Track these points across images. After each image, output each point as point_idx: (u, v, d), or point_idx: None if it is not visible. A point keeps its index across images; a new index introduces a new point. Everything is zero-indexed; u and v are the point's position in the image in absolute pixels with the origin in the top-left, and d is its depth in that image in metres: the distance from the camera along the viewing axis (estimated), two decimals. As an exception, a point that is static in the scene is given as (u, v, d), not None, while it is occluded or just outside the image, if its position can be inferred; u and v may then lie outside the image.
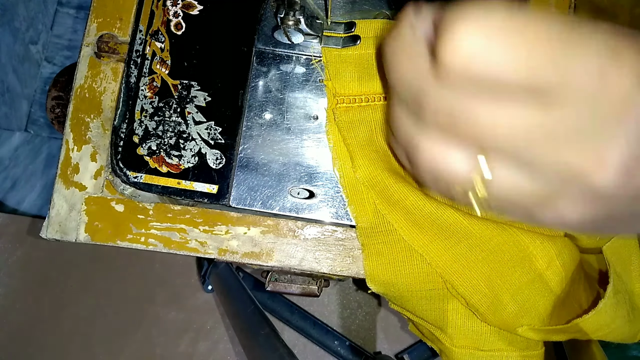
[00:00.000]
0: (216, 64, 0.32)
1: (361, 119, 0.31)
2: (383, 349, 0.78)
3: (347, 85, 0.31)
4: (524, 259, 0.28)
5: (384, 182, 0.29)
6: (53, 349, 0.77)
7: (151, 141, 0.31)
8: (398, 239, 0.30)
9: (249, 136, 0.31)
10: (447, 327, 0.31)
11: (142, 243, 0.31)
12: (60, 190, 0.32)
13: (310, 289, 0.34)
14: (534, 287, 0.28)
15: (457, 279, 0.29)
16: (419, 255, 0.29)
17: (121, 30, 0.33)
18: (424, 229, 0.29)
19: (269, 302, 0.75)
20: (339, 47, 0.31)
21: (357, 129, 0.30)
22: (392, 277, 0.30)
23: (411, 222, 0.29)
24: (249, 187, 0.31)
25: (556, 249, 0.28)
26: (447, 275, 0.29)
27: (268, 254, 0.31)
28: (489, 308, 0.29)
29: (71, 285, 0.79)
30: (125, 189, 0.32)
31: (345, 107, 0.31)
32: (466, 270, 0.29)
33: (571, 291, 0.30)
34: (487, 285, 0.29)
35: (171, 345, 0.78)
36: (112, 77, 0.33)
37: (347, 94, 0.31)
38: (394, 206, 0.29)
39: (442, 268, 0.29)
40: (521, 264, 0.28)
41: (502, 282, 0.29)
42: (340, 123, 0.31)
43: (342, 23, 0.32)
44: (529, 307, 0.29)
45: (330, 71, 0.31)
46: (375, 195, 0.30)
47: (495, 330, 0.30)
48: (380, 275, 0.30)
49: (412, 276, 0.29)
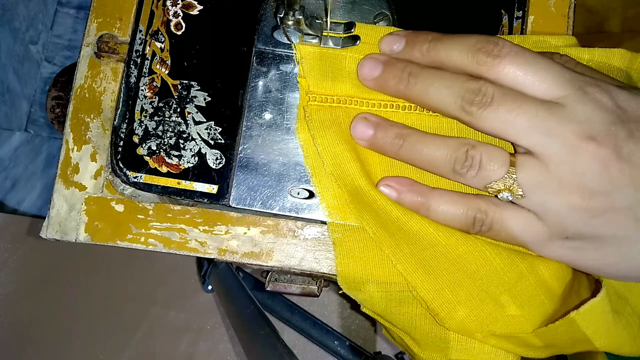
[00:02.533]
0: (216, 64, 0.32)
1: (332, 119, 0.30)
2: (383, 349, 0.78)
3: (320, 84, 0.31)
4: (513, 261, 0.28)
5: (353, 184, 0.29)
6: (53, 349, 0.77)
7: (151, 141, 0.31)
8: (368, 238, 0.29)
9: (249, 136, 0.31)
10: (415, 332, 0.30)
11: (142, 243, 0.31)
12: (60, 190, 0.32)
13: (310, 289, 0.34)
14: (528, 287, 0.28)
15: (421, 283, 0.28)
16: (388, 256, 0.29)
17: (121, 30, 0.33)
18: (390, 232, 0.29)
19: (269, 302, 0.75)
20: (338, 47, 0.31)
21: (328, 128, 0.30)
22: (363, 276, 0.29)
23: (379, 225, 0.29)
24: (249, 187, 0.31)
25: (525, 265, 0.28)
26: (411, 278, 0.29)
27: (268, 254, 0.31)
28: (450, 313, 0.28)
29: (71, 285, 0.79)
30: (125, 189, 0.32)
31: (317, 105, 0.31)
32: (431, 277, 0.28)
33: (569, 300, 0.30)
34: (451, 292, 0.28)
35: (171, 345, 0.78)
36: (112, 77, 0.33)
37: (320, 93, 0.31)
38: (364, 206, 0.29)
39: (407, 271, 0.29)
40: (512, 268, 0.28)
41: (472, 288, 0.28)
42: (310, 122, 0.30)
43: (342, 23, 0.32)
44: (528, 307, 0.28)
45: (305, 68, 0.31)
46: (347, 195, 0.30)
47: (463, 339, 0.29)
48: (351, 273, 0.30)
49: (381, 276, 0.29)
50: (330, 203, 0.30)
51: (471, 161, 0.27)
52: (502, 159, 0.27)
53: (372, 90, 0.31)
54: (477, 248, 0.28)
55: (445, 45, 0.28)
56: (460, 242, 0.28)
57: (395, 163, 0.30)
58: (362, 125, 0.30)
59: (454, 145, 0.28)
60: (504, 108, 0.26)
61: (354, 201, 0.30)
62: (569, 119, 0.25)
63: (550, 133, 0.25)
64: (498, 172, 0.26)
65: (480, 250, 0.28)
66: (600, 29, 0.52)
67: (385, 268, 0.29)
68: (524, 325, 0.28)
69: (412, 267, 0.29)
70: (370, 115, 0.30)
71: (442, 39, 0.28)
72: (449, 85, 0.27)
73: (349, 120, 0.30)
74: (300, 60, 0.31)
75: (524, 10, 0.34)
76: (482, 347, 0.29)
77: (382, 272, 0.29)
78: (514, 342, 0.29)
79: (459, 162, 0.27)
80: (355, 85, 0.31)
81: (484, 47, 0.27)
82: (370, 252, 0.29)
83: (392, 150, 0.29)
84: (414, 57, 0.29)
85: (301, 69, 0.31)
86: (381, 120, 0.30)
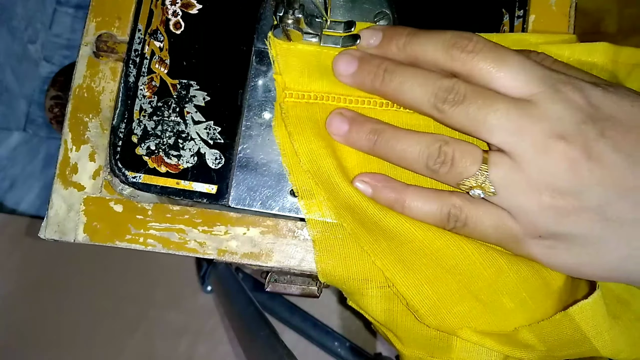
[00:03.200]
0: (215, 63, 0.32)
1: (309, 115, 0.30)
2: (383, 350, 0.78)
3: (296, 80, 0.31)
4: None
5: (329, 180, 0.29)
6: (52, 349, 0.77)
7: (150, 141, 0.31)
8: (347, 235, 0.29)
9: (249, 136, 0.31)
10: (397, 329, 0.30)
11: (140, 243, 0.31)
12: (58, 191, 0.31)
13: (310, 289, 0.34)
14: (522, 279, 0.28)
15: (400, 280, 0.28)
16: (367, 253, 0.29)
17: (120, 29, 0.33)
18: (368, 228, 0.29)
19: (269, 303, 0.74)
20: (338, 46, 0.31)
21: (305, 125, 0.30)
22: (344, 273, 0.29)
23: (357, 221, 0.29)
24: (249, 187, 0.31)
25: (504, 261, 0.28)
26: (390, 275, 0.29)
27: (267, 255, 0.31)
28: (430, 310, 0.28)
29: (69, 286, 0.79)
30: (124, 189, 0.32)
31: (293, 102, 0.31)
32: (410, 273, 0.28)
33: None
34: (430, 288, 0.28)
35: (170, 346, 0.78)
36: (110, 77, 0.32)
37: (297, 89, 0.31)
38: (341, 203, 0.29)
39: (386, 267, 0.29)
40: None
41: (452, 284, 0.28)
42: (287, 118, 0.30)
43: (342, 22, 0.31)
44: (510, 304, 0.28)
45: (280, 64, 0.31)
46: (324, 192, 0.30)
47: (445, 337, 0.29)
48: (331, 270, 0.29)
49: (362, 273, 0.29)
50: (308, 201, 0.30)
51: (444, 157, 0.27)
52: (475, 156, 0.27)
53: (349, 86, 0.31)
54: (455, 243, 0.28)
55: (420, 40, 0.28)
56: (437, 236, 0.28)
57: (372, 160, 0.30)
58: (337, 120, 0.30)
59: (427, 142, 0.28)
60: (474, 106, 0.26)
61: (330, 198, 0.29)
62: (539, 117, 0.25)
63: (520, 132, 0.25)
64: (470, 168, 0.26)
65: (459, 245, 0.28)
66: (597, 30, 0.52)
67: (365, 265, 0.29)
68: (505, 322, 0.28)
69: (391, 263, 0.29)
70: (345, 111, 0.30)
71: (418, 33, 0.28)
72: (422, 82, 0.27)
73: (325, 116, 0.30)
74: (276, 56, 0.31)
75: (525, 9, 0.34)
76: (464, 345, 0.29)
77: (362, 269, 0.29)
78: (497, 340, 0.28)
79: (431, 158, 0.27)
80: (332, 82, 0.31)
81: (457, 42, 0.27)
82: (350, 249, 0.29)
83: (367, 146, 0.29)
84: (390, 51, 0.29)
85: (277, 65, 0.31)
86: (356, 115, 0.30)
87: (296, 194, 0.30)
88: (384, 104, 0.31)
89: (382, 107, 0.31)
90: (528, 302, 0.28)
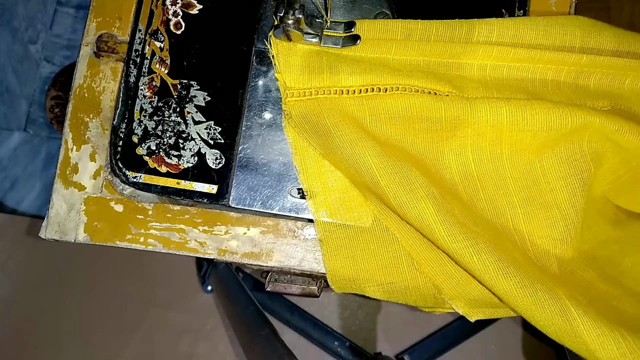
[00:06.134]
0: (216, 63, 0.32)
1: (312, 110, 0.31)
2: (383, 349, 0.78)
3: (296, 79, 0.31)
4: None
5: (343, 176, 0.30)
6: (53, 349, 0.77)
7: (150, 141, 0.31)
8: (356, 232, 0.30)
9: (249, 136, 0.31)
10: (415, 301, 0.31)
11: (141, 243, 0.31)
12: (59, 190, 0.31)
13: (310, 289, 0.34)
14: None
15: (423, 258, 0.30)
16: (377, 248, 0.30)
17: (120, 29, 0.33)
18: (390, 215, 0.30)
19: (269, 302, 0.74)
20: (338, 46, 0.31)
21: (310, 121, 0.30)
22: (352, 272, 0.30)
23: (380, 207, 0.30)
24: (249, 187, 0.31)
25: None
26: (414, 254, 0.30)
27: (268, 255, 0.31)
28: (458, 283, 0.30)
29: (70, 285, 0.79)
30: (125, 189, 0.32)
31: (294, 100, 0.31)
32: (433, 252, 0.29)
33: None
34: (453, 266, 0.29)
35: (171, 345, 0.78)
36: (111, 77, 0.32)
37: (297, 88, 0.31)
38: (363, 190, 0.30)
39: (410, 246, 0.30)
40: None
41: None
42: (290, 118, 0.31)
43: (342, 22, 0.31)
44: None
45: (281, 64, 0.31)
46: (337, 192, 0.30)
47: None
48: (340, 270, 0.30)
49: (371, 270, 0.30)
50: (318, 201, 0.30)
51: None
52: None
53: (350, 77, 0.31)
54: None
55: None
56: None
57: (389, 149, 0.30)
58: None
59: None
60: None
61: (346, 199, 0.30)
62: None
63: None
64: None
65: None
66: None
67: (374, 260, 0.30)
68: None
69: (415, 241, 0.30)
70: None
71: None
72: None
73: (329, 109, 0.30)
74: (276, 55, 0.31)
75: (525, 9, 0.34)
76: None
77: (370, 266, 0.30)
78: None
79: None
80: (332, 76, 0.31)
81: None
82: (358, 247, 0.30)
83: None
84: None
85: (277, 65, 0.31)
86: None
87: (305, 193, 0.30)
88: (388, 90, 0.31)
89: (386, 92, 0.31)
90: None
